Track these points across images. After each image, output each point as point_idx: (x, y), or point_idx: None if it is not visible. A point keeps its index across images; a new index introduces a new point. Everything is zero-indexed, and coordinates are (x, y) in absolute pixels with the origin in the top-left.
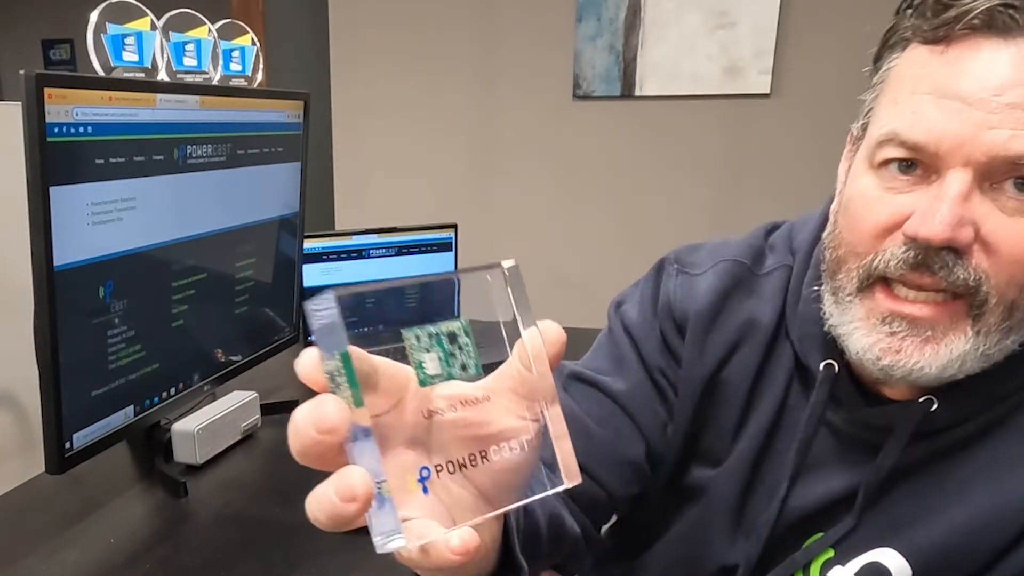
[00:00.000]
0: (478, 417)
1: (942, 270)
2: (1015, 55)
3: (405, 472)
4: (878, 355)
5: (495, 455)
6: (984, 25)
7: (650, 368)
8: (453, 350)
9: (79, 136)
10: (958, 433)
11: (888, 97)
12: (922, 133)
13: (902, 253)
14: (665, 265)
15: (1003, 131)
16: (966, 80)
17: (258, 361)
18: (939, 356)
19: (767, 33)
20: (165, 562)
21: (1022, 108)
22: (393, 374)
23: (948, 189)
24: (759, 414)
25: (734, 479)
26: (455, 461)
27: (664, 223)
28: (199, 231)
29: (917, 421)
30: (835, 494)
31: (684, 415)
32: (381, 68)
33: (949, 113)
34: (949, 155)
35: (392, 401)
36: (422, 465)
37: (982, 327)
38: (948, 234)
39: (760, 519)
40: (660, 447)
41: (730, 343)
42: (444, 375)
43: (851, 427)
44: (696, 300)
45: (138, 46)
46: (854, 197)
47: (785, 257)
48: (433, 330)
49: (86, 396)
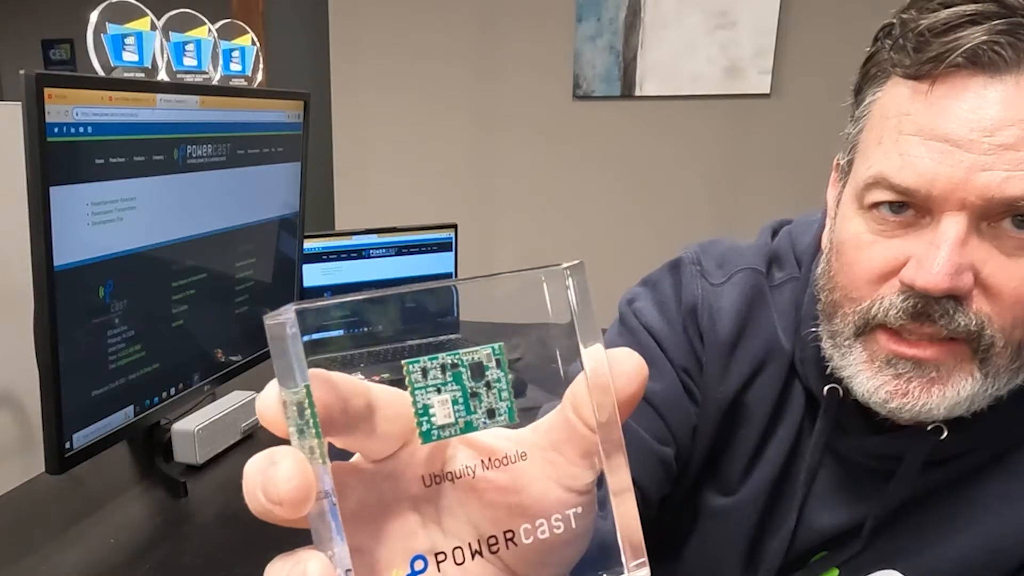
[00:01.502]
0: (507, 483)
1: (943, 318)
2: (1004, 93)
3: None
4: (885, 398)
5: (527, 537)
6: (969, 63)
7: (678, 369)
8: (478, 389)
9: (79, 136)
10: (969, 461)
11: (873, 135)
12: (912, 177)
13: (901, 302)
14: (685, 265)
15: (997, 173)
16: (954, 122)
17: (258, 361)
18: (946, 398)
19: (767, 33)
20: (165, 562)
21: (1015, 148)
22: (396, 410)
23: (944, 235)
24: (777, 442)
25: (750, 511)
26: (468, 547)
27: (664, 223)
28: (199, 231)
29: (929, 450)
30: (843, 525)
31: (706, 431)
32: (381, 68)
33: (939, 156)
34: (943, 199)
35: (393, 445)
36: (416, 553)
37: (990, 369)
38: (947, 284)
39: (770, 552)
40: (685, 453)
41: (753, 367)
42: (459, 426)
43: (859, 456)
44: (720, 318)
45: (138, 46)
46: (846, 242)
47: (792, 269)
48: (449, 360)
49: (86, 396)
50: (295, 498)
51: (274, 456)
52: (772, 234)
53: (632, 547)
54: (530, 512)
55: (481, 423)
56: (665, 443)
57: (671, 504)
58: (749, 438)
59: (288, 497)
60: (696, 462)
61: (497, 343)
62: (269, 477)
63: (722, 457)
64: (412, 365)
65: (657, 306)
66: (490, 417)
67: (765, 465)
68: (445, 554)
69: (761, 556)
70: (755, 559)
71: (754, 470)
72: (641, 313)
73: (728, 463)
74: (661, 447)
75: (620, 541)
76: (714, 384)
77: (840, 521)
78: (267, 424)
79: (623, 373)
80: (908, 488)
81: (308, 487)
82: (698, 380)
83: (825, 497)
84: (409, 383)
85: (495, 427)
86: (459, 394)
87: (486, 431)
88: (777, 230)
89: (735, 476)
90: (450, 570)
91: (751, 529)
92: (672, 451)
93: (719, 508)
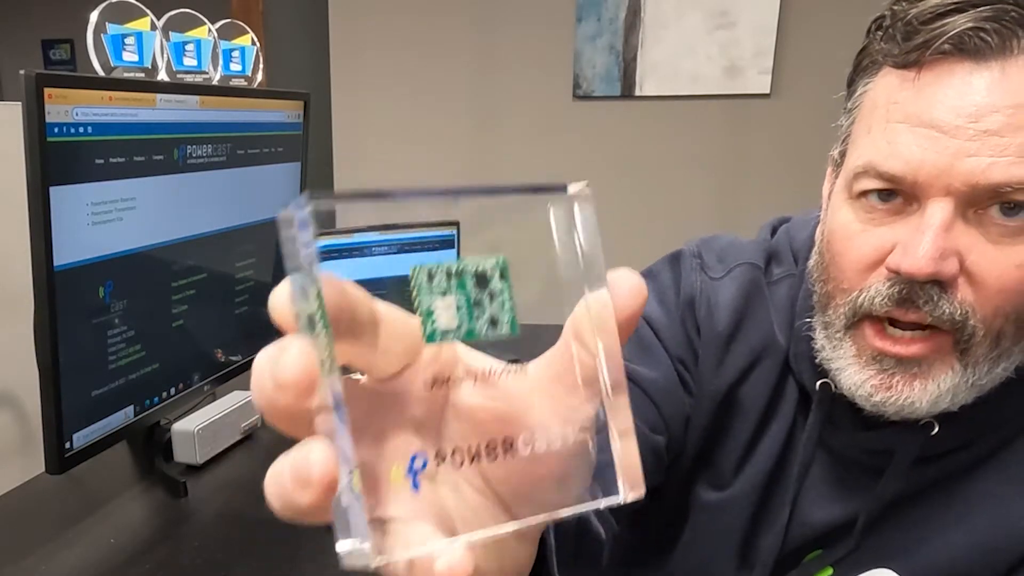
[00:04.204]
0: (507, 404)
1: (927, 304)
2: (989, 79)
3: (389, 458)
4: (870, 391)
5: (524, 447)
6: (955, 49)
7: (674, 359)
8: (480, 297)
9: (79, 136)
10: (962, 457)
11: (863, 124)
12: (899, 164)
13: (887, 289)
14: (685, 257)
15: (982, 159)
16: (940, 108)
17: None
18: (928, 391)
19: (767, 33)
20: (165, 562)
21: (1000, 134)
22: (401, 328)
23: (929, 220)
24: (770, 437)
25: (742, 505)
26: (468, 449)
27: (664, 223)
28: (199, 231)
29: (919, 446)
30: (836, 520)
31: (700, 423)
32: (381, 68)
33: (925, 142)
34: (928, 185)
35: (396, 364)
36: (415, 452)
37: (970, 360)
38: (932, 268)
39: (764, 548)
40: (677, 444)
41: (748, 361)
42: (463, 330)
43: (851, 451)
44: (717, 311)
45: (138, 46)
46: (836, 231)
47: (790, 265)
48: (454, 267)
49: (86, 396)
50: (302, 379)
51: (284, 343)
52: (772, 231)
53: (630, 479)
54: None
55: (483, 330)
56: (657, 431)
57: (664, 499)
58: (742, 432)
59: (295, 378)
60: (689, 454)
61: (501, 255)
62: (279, 360)
63: (715, 450)
64: (418, 268)
65: (656, 296)
66: (492, 325)
67: (758, 459)
68: (443, 455)
69: (755, 552)
70: (749, 555)
71: (747, 464)
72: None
73: (721, 457)
74: (653, 435)
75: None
76: (709, 376)
77: (833, 516)
78: (278, 319)
79: (622, 292)
80: (900, 483)
81: (313, 372)
82: (693, 371)
83: (818, 492)
84: (414, 286)
85: (496, 336)
86: (463, 300)
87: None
88: (777, 227)
89: (728, 470)
90: (448, 471)
91: (744, 524)
92: (664, 440)
93: (712, 502)
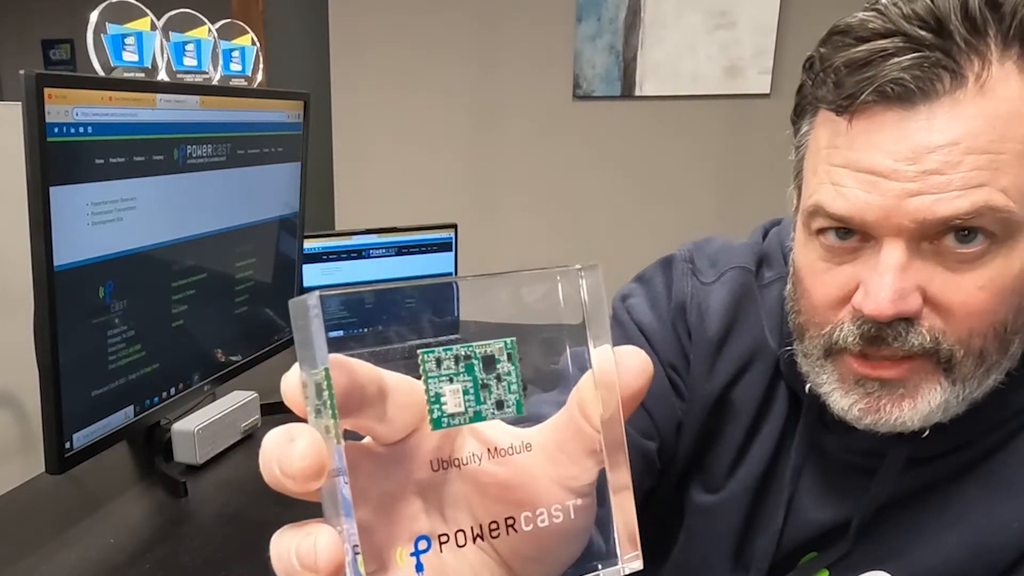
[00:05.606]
0: (511, 475)
1: (896, 340)
2: (921, 121)
3: (393, 540)
4: (858, 415)
5: (527, 525)
6: (882, 98)
7: (665, 365)
8: (488, 380)
9: (79, 136)
10: (955, 461)
11: (810, 164)
12: (845, 207)
13: (856, 328)
14: (676, 262)
15: (926, 197)
16: (877, 154)
17: (258, 361)
18: (918, 410)
19: (767, 33)
20: (165, 562)
21: (940, 172)
22: (408, 398)
23: (886, 261)
24: (762, 440)
25: (735, 508)
26: (470, 530)
27: (664, 223)
28: (199, 231)
29: (909, 448)
30: (830, 522)
31: (692, 427)
32: (381, 68)
33: (868, 186)
34: (878, 225)
35: (403, 431)
36: (420, 534)
37: (956, 376)
38: (892, 310)
39: (758, 550)
40: (669, 449)
41: (740, 364)
42: (469, 415)
43: (843, 453)
44: (708, 316)
45: (138, 46)
46: (802, 268)
47: (780, 268)
48: (463, 351)
49: (86, 396)
50: (307, 474)
51: (292, 433)
52: (764, 234)
53: (628, 540)
54: (530, 503)
55: (490, 413)
56: (648, 437)
57: (658, 502)
58: (735, 435)
59: (301, 473)
60: (681, 459)
61: (510, 338)
62: (285, 452)
63: (708, 454)
64: (426, 355)
65: (649, 302)
66: (498, 408)
67: (750, 462)
68: (448, 536)
69: (750, 555)
70: (744, 558)
71: (739, 467)
72: (633, 309)
73: (714, 460)
74: (644, 440)
75: (616, 533)
76: (701, 381)
77: (827, 518)
78: (288, 402)
79: (628, 369)
80: (892, 485)
81: (320, 465)
82: (685, 376)
83: (812, 494)
84: (423, 372)
85: (502, 418)
86: (470, 385)
87: (495, 428)
88: (769, 230)
89: (721, 473)
90: (451, 552)
91: (738, 526)
92: (655, 445)
93: (705, 505)
